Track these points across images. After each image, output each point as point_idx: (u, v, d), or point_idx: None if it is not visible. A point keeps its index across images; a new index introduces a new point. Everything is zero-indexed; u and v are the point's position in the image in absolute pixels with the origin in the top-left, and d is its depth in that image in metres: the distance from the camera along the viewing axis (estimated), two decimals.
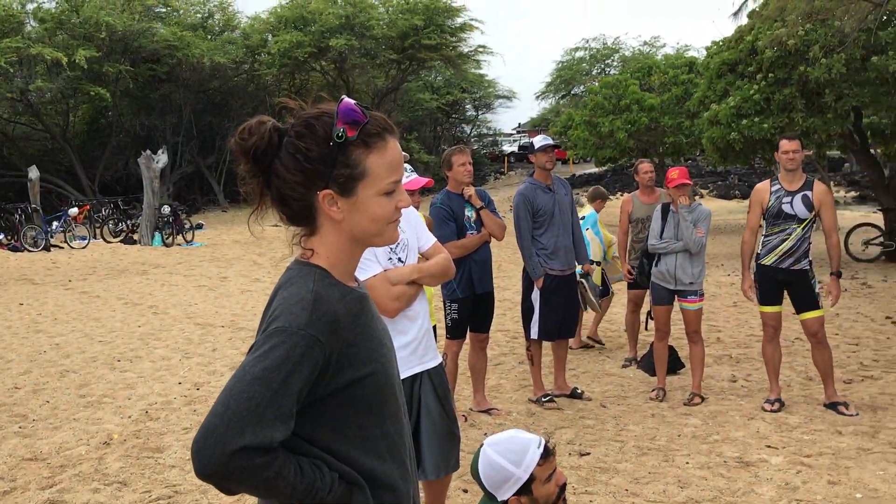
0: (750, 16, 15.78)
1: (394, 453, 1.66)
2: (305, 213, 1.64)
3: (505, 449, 2.30)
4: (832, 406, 5.80)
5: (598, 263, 7.92)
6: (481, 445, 2.35)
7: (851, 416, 5.64)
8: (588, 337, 8.24)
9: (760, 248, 5.94)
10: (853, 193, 39.71)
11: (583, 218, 7.73)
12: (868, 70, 13.62)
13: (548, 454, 2.29)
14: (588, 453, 5.01)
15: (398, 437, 1.68)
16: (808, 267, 5.79)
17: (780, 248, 5.77)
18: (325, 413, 1.58)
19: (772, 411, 5.79)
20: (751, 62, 14.90)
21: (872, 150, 17.10)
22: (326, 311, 1.55)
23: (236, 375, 1.49)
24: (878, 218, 16.46)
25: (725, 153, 15.72)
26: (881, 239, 15.47)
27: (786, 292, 5.88)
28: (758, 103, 14.46)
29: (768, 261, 5.84)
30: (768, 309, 5.93)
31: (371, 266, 3.24)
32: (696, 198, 33.32)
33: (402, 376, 3.25)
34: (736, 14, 11.68)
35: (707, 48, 17.51)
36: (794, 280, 5.77)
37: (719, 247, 18.80)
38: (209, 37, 32.34)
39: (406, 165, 4.47)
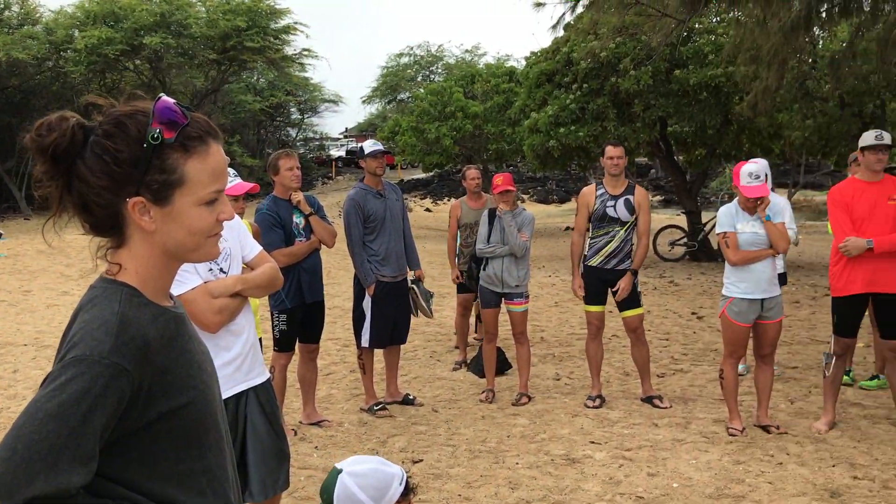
0: (566, 28, 16.52)
1: (215, 488, 1.51)
2: (111, 222, 1.45)
3: (366, 483, 2.16)
4: (648, 400, 6.13)
5: None
6: (338, 471, 2.19)
7: (666, 408, 5.98)
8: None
9: (587, 249, 6.18)
10: (658, 197, 42.66)
11: None
12: (672, 82, 14.65)
13: (408, 492, 2.20)
14: (421, 460, 4.99)
15: (220, 470, 1.53)
16: (629, 266, 6.09)
17: (606, 249, 6.04)
18: (136, 449, 1.40)
19: (594, 407, 6.03)
20: (567, 73, 15.60)
21: (676, 157, 18.39)
22: (134, 336, 1.38)
23: (26, 412, 1.29)
24: (682, 220, 17.73)
25: (545, 159, 16.35)
26: (685, 240, 16.66)
27: (609, 291, 6.15)
28: (574, 112, 15.16)
29: (595, 262, 6.09)
30: (593, 308, 6.17)
31: (189, 278, 3.02)
32: (519, 203, 34.53)
33: (227, 395, 3.06)
34: (554, 27, 12.17)
35: (526, 58, 18.17)
36: (619, 279, 6.05)
37: (540, 249, 19.54)
38: (6, 30, 29.77)
39: (228, 169, 4.26)
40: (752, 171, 5.15)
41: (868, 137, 5.30)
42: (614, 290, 6.06)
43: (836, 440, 5.18)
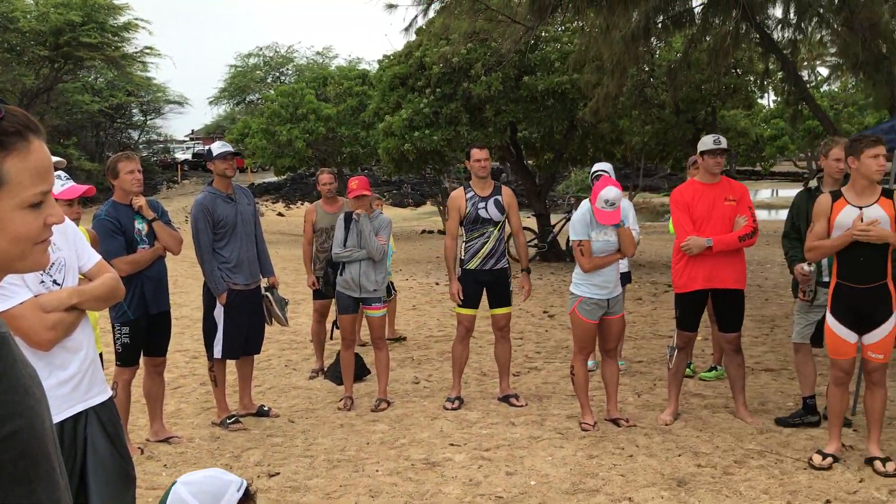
0: (418, 32, 16.63)
1: None
2: None
3: (199, 490, 2.04)
4: (505, 399, 6.22)
5: None
6: (173, 483, 2.06)
7: (522, 406, 6.09)
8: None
9: (463, 253, 6.20)
10: None
11: None
12: (521, 89, 15.04)
13: (248, 498, 2.08)
14: (277, 473, 4.83)
15: None
16: (507, 265, 6.18)
17: (483, 251, 6.09)
18: None
19: (453, 409, 6.06)
20: (420, 77, 15.69)
21: (526, 162, 18.92)
22: None
23: None
24: (532, 222, 18.25)
25: (400, 163, 16.38)
26: (535, 241, 17.14)
27: (485, 291, 6.21)
28: (428, 116, 15.28)
29: (473, 265, 6.13)
30: (466, 311, 6.20)
31: (17, 291, 2.76)
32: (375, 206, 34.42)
33: (64, 416, 2.82)
34: (407, 29, 12.19)
35: (379, 61, 18.15)
36: (496, 279, 6.12)
37: (397, 253, 19.57)
38: None
39: (60, 173, 3.94)
40: (609, 198, 5.25)
41: (707, 142, 5.61)
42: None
43: (680, 430, 5.44)
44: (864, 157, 4.44)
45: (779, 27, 10.39)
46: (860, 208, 4.49)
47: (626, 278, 7.02)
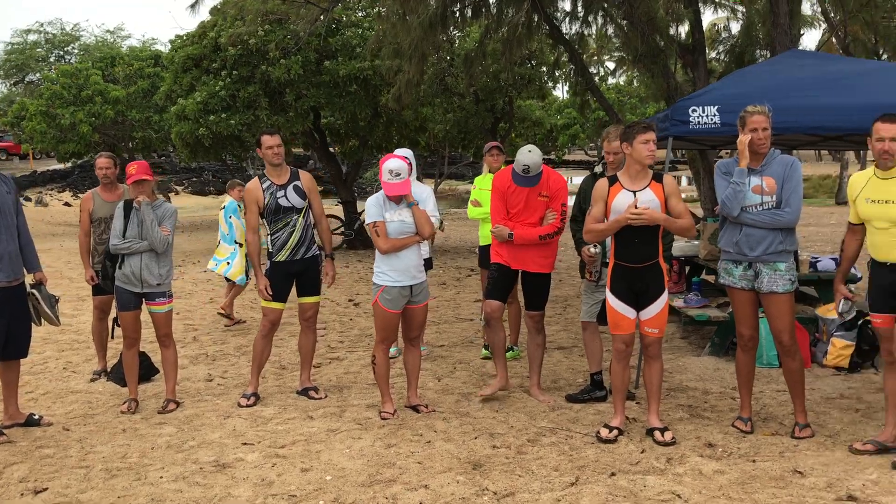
0: (212, 12, 15.87)
1: None
2: None
3: None
4: (304, 392, 6.02)
5: (242, 245, 8.82)
6: None
7: (321, 398, 5.92)
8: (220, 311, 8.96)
9: (271, 246, 5.88)
10: (318, 188, 43.11)
11: (223, 207, 9.08)
12: (322, 73, 14.74)
13: None
14: (45, 489, 4.35)
15: None
16: (318, 252, 5.94)
17: (291, 241, 5.80)
18: None
19: (248, 406, 5.78)
20: (215, 58, 14.98)
21: (332, 148, 18.65)
22: None
23: None
24: (339, 210, 18.04)
25: (195, 149, 15.58)
26: (342, 229, 16.96)
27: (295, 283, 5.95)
28: (224, 99, 14.62)
29: (282, 257, 5.83)
30: (274, 305, 5.90)
31: None
32: (166, 194, 32.62)
33: None
34: (193, 7, 11.53)
35: (171, 41, 17.14)
36: (306, 268, 5.87)
37: (194, 244, 18.68)
38: None
39: None
40: (393, 168, 5.25)
41: (519, 163, 5.61)
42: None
43: (478, 412, 5.50)
44: (636, 143, 4.66)
45: (567, 20, 10.84)
46: (634, 193, 4.72)
47: (428, 264, 7.02)
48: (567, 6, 10.56)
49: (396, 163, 5.26)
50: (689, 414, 5.42)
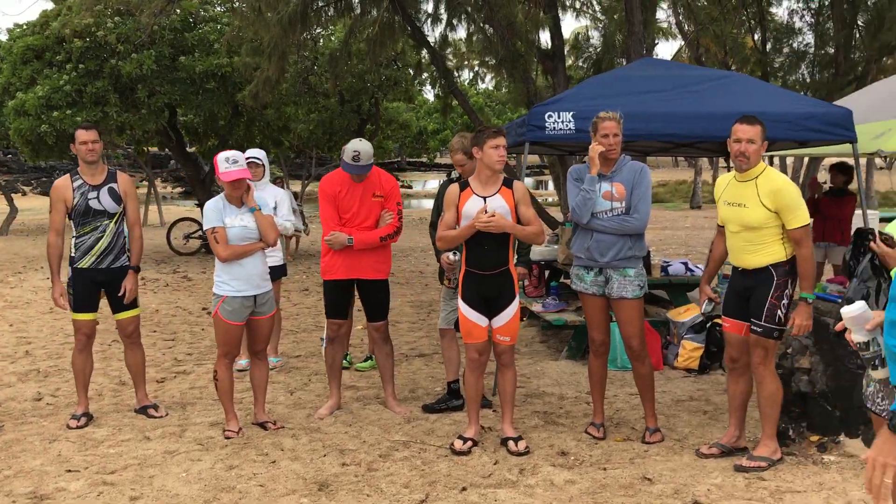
0: (56, 1, 14.84)
1: None
2: None
3: None
4: (143, 410, 5.57)
5: None
6: None
7: (161, 416, 5.51)
8: None
9: (74, 251, 5.36)
10: (179, 189, 41.55)
11: None
12: (178, 69, 14.05)
13: None
14: None
15: None
16: (128, 263, 5.44)
17: (97, 247, 5.30)
18: None
19: (77, 427, 5.29)
20: (59, 50, 13.99)
21: (190, 148, 17.85)
22: None
23: None
24: (198, 213, 17.27)
25: (37, 147, 14.49)
26: (200, 232, 16.24)
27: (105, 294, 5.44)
28: (69, 95, 13.66)
29: (85, 263, 5.31)
30: (83, 316, 5.39)
31: None
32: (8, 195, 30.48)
33: None
34: None
35: (10, 30, 15.90)
36: (113, 279, 5.36)
37: (41, 248, 17.42)
38: None
39: None
40: (229, 156, 4.96)
41: (347, 152, 5.37)
42: (121, 293, 5.38)
43: (329, 428, 5.25)
44: (486, 148, 4.55)
45: (429, 22, 10.75)
46: (484, 198, 4.61)
47: (280, 271, 6.71)
48: (430, 8, 10.46)
49: (231, 152, 5.00)
50: (545, 421, 5.38)
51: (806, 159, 16.75)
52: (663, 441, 4.91)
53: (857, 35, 15.29)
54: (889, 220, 12.83)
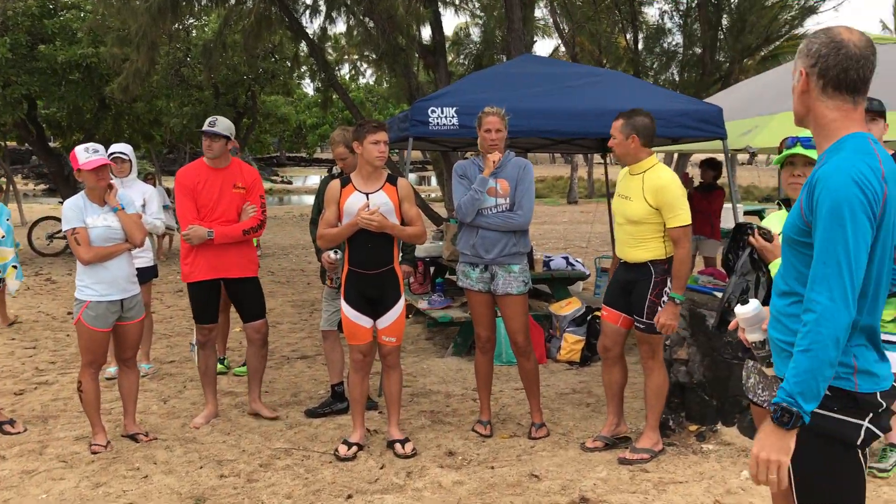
0: None
1: None
2: None
3: None
4: None
5: None
6: None
7: (18, 433, 5.08)
8: None
9: None
10: (43, 186, 39.24)
11: None
12: (37, 58, 13.17)
13: None
14: None
15: None
16: None
17: None
18: None
19: None
20: None
21: (53, 143, 16.80)
22: None
23: None
24: (58, 210, 16.27)
25: None
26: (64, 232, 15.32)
27: None
28: None
29: None
30: None
31: None
32: None
33: None
34: None
35: None
36: None
37: None
38: None
39: None
40: (89, 146, 4.64)
41: (205, 124, 5.17)
42: None
43: (206, 438, 4.98)
44: (366, 143, 4.41)
45: (308, 13, 10.48)
46: (367, 195, 4.47)
47: (150, 273, 6.34)
48: None
49: (90, 143, 4.68)
50: (432, 420, 5.30)
51: (675, 156, 17.43)
52: (549, 436, 4.93)
53: (722, 36, 16.04)
54: (752, 212, 13.49)
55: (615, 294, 4.60)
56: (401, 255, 5.56)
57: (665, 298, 4.36)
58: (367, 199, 4.45)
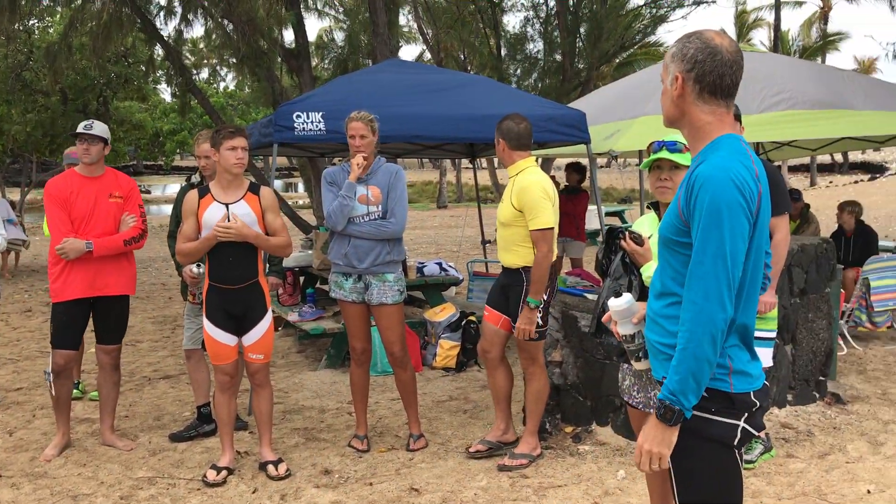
0: None
1: None
2: None
3: None
4: None
5: None
6: None
7: None
8: None
9: None
10: None
11: None
12: None
13: None
14: None
15: None
16: None
17: None
18: None
19: None
20: None
21: None
22: None
23: None
24: None
25: None
26: None
27: None
28: None
29: None
30: None
31: None
32: None
33: None
34: None
35: None
36: None
37: None
38: None
39: None
40: None
41: (79, 127, 4.84)
42: None
43: (58, 471, 4.58)
44: (222, 150, 4.17)
45: (163, 15, 9.99)
46: (226, 206, 4.23)
47: None
48: (162, 0, 9.67)
49: None
50: (306, 438, 5.10)
51: (539, 160, 17.87)
52: (427, 447, 4.84)
53: (581, 44, 16.56)
54: (613, 213, 13.99)
55: (496, 296, 4.59)
56: (267, 266, 5.35)
57: (541, 303, 4.38)
58: (227, 209, 4.21)
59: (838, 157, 43.39)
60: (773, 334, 4.43)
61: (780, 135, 7.53)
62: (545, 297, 4.38)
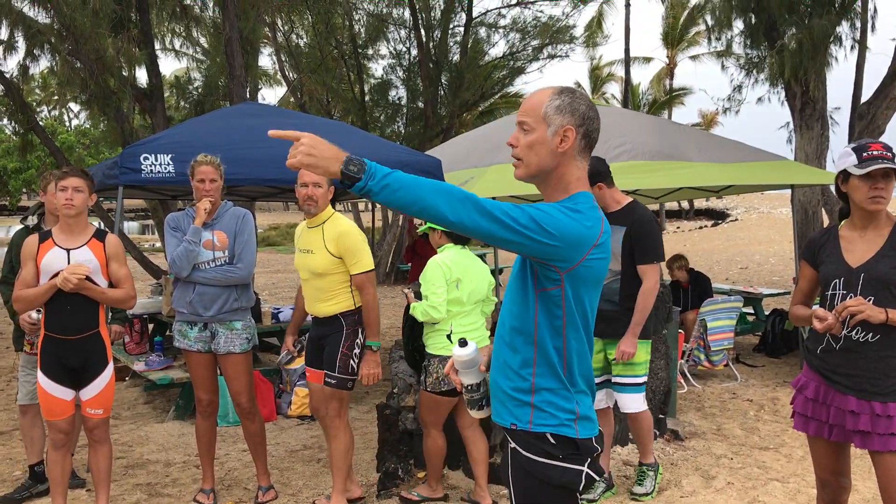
0: None
1: None
2: None
3: None
4: None
5: None
6: None
7: None
8: None
9: None
10: None
11: None
12: None
13: None
14: None
15: None
16: None
17: None
18: None
19: None
20: None
21: None
22: None
23: None
24: None
25: None
26: None
27: None
28: None
29: None
30: None
31: None
32: None
33: None
34: None
35: None
36: None
37: None
38: None
39: None
40: None
41: None
42: None
43: None
44: (50, 195, 3.97)
45: (2, 49, 9.47)
46: (68, 251, 4.03)
47: None
48: (3, 34, 9.14)
49: None
50: (148, 494, 4.86)
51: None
52: (277, 498, 4.72)
53: (443, 92, 16.97)
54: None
55: (312, 353, 4.54)
56: (109, 314, 5.11)
57: (357, 350, 4.35)
58: (69, 255, 4.00)
59: (685, 205, 46.20)
60: (644, 379, 4.61)
61: (623, 184, 7.94)
62: (360, 347, 4.37)
